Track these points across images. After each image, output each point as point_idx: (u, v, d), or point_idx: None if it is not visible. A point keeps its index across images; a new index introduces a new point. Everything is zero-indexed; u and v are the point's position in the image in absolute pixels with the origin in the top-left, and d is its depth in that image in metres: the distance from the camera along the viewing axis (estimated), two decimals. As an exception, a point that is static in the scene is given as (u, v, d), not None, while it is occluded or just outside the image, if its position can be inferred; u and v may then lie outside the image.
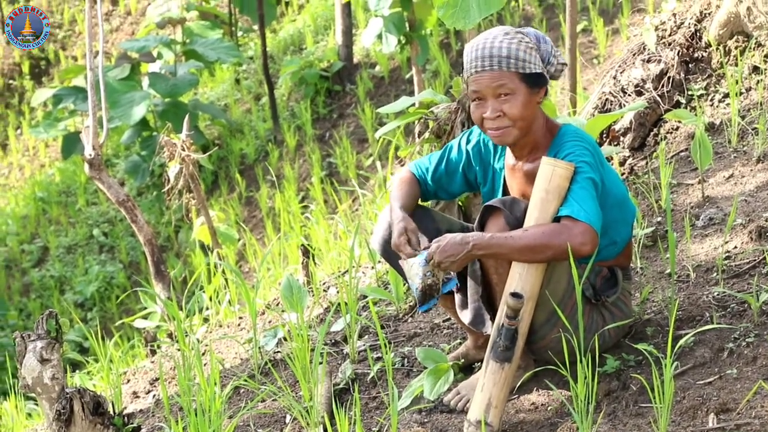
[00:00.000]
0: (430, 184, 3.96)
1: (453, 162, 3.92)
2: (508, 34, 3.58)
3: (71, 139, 12.04)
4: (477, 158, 3.88)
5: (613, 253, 3.72)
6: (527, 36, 3.61)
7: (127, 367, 5.99)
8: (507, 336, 3.43)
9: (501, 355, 3.44)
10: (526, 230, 3.44)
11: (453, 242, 3.49)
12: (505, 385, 3.45)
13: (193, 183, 7.07)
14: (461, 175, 3.92)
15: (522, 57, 3.56)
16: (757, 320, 3.65)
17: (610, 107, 6.17)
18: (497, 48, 3.56)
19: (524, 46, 3.57)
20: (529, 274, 3.46)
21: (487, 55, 3.57)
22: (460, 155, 3.90)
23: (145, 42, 11.97)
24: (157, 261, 6.68)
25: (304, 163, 11.35)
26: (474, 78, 3.61)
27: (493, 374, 3.45)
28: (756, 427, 3.04)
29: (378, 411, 4.03)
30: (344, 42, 12.18)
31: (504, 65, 3.56)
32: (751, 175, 5.09)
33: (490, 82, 3.58)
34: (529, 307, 3.47)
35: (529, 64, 3.57)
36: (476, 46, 3.61)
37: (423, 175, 3.96)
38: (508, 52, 3.55)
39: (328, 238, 7.07)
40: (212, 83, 14.79)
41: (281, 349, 4.83)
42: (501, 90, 3.57)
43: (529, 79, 3.58)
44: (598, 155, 3.64)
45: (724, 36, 6.09)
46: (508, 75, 3.56)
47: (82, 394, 3.58)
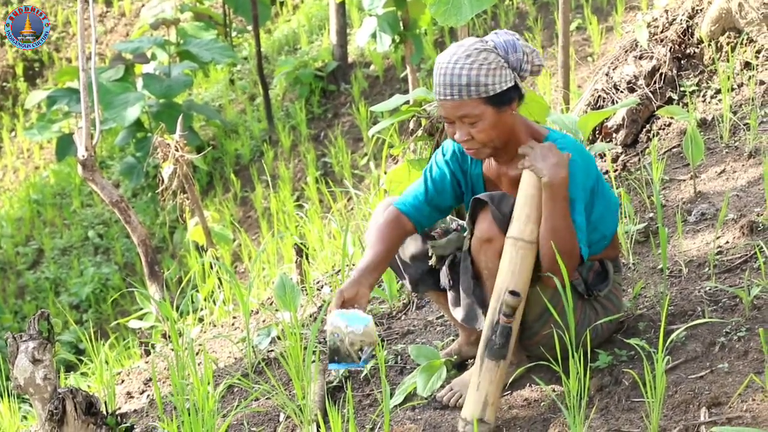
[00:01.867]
0: (426, 209, 3.83)
1: (438, 179, 3.84)
2: (469, 56, 3.48)
3: (65, 141, 12.02)
4: (457, 167, 3.83)
5: (603, 246, 3.73)
6: (493, 51, 3.51)
7: (121, 368, 5.99)
8: (503, 333, 3.43)
9: (496, 353, 3.44)
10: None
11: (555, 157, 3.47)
12: (500, 382, 3.46)
13: (187, 183, 7.07)
14: (450, 188, 3.84)
15: (483, 82, 3.48)
16: (748, 314, 3.66)
17: (603, 104, 6.18)
18: (457, 76, 3.48)
19: (485, 70, 3.48)
20: (522, 271, 3.45)
21: (448, 83, 3.50)
22: (441, 170, 3.84)
23: (139, 43, 11.95)
24: (151, 261, 6.68)
25: (299, 163, 11.34)
26: (440, 103, 3.57)
27: (489, 372, 3.45)
28: (747, 420, 3.05)
29: (371, 408, 4.04)
30: (339, 42, 12.17)
31: (464, 94, 3.49)
32: (743, 171, 5.10)
33: (454, 111, 3.53)
34: (522, 305, 3.47)
35: (492, 86, 3.49)
36: (440, 69, 3.53)
37: (413, 205, 3.84)
38: (468, 80, 3.47)
39: (322, 237, 7.07)
40: (206, 84, 14.77)
41: (275, 347, 4.84)
42: (466, 118, 3.52)
43: (494, 100, 3.51)
44: (586, 159, 3.62)
45: (715, 32, 6.10)
46: (470, 103, 3.50)
47: (74, 394, 3.58)
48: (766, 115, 5.54)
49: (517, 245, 3.45)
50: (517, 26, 10.60)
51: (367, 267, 3.70)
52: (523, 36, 9.93)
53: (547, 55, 9.52)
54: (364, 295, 3.63)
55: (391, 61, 11.78)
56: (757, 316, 3.64)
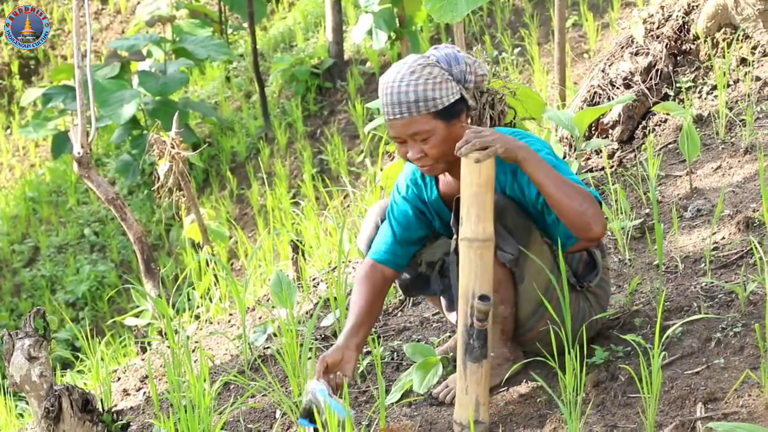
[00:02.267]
0: (399, 250, 3.84)
1: (401, 218, 3.83)
2: (414, 73, 3.46)
3: (61, 139, 12.03)
4: (415, 200, 3.82)
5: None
6: (437, 65, 3.50)
7: (117, 365, 5.99)
8: (479, 337, 3.41)
9: (477, 355, 3.42)
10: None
11: (504, 136, 3.38)
12: (487, 380, 3.45)
13: (183, 181, 7.06)
14: (416, 221, 3.83)
15: (431, 96, 3.46)
16: (744, 310, 3.66)
17: (599, 100, 6.18)
18: (404, 93, 3.45)
19: (431, 84, 3.46)
20: (484, 272, 3.41)
21: (396, 102, 3.47)
22: (401, 208, 3.83)
23: (135, 40, 11.95)
24: (147, 259, 6.68)
25: (295, 161, 11.34)
26: (389, 123, 3.54)
27: (473, 374, 3.44)
28: (743, 416, 3.05)
29: (368, 405, 4.04)
30: (335, 39, 12.16)
31: (414, 110, 3.46)
32: (739, 167, 5.10)
33: (405, 129, 3.50)
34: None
35: (440, 100, 3.48)
36: (385, 89, 3.51)
37: (385, 251, 3.85)
38: (415, 96, 3.45)
39: (319, 234, 7.07)
40: (202, 81, 14.77)
41: (271, 344, 4.83)
42: (417, 135, 3.50)
43: (443, 113, 3.49)
44: (537, 141, 3.60)
45: (711, 28, 6.10)
46: (420, 119, 3.48)
47: (70, 392, 3.58)
48: (762, 111, 5.54)
49: (473, 246, 3.39)
50: (513, 23, 10.61)
51: (350, 329, 3.73)
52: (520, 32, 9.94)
53: (543, 52, 9.52)
54: (350, 359, 3.66)
55: (387, 58, 11.78)
56: (753, 311, 3.64)
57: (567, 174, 3.47)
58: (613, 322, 3.93)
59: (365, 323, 3.77)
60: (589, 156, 6.13)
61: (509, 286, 3.59)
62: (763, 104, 5.60)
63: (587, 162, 6.07)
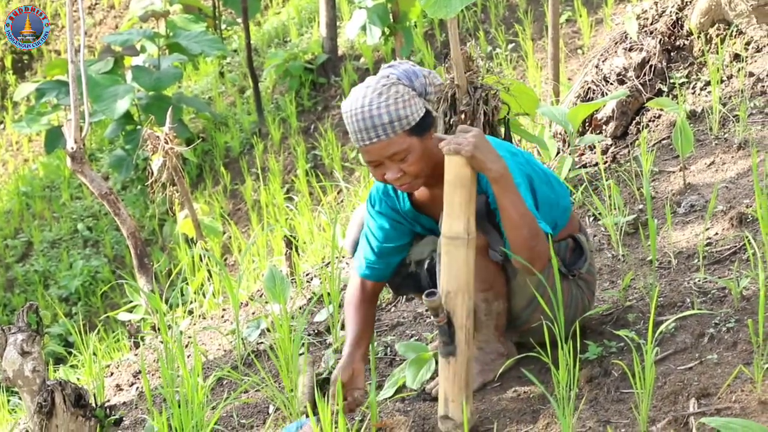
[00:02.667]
0: (381, 263, 3.86)
1: (377, 233, 3.83)
2: (381, 95, 3.44)
3: (54, 134, 11.99)
4: (389, 212, 3.82)
5: (568, 218, 3.72)
6: (399, 82, 3.48)
7: (110, 360, 5.98)
8: (442, 332, 3.42)
9: (443, 351, 3.44)
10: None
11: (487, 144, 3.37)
12: (455, 378, 3.42)
13: (176, 176, 7.06)
14: (394, 232, 3.83)
15: (403, 114, 3.44)
16: (737, 306, 3.66)
17: (593, 96, 6.18)
18: (377, 116, 3.42)
19: (402, 101, 3.44)
20: (454, 269, 3.41)
21: (370, 126, 3.43)
22: (377, 222, 3.83)
23: (129, 35, 11.92)
24: (141, 254, 6.67)
25: (289, 156, 11.33)
26: (364, 149, 3.50)
27: (442, 370, 3.45)
28: (736, 411, 3.05)
29: (361, 400, 4.03)
30: (328, 34, 12.14)
31: (390, 131, 3.43)
32: (732, 162, 5.11)
33: (383, 152, 3.47)
34: (460, 300, 3.42)
35: (412, 116, 3.46)
36: (355, 116, 3.46)
37: (368, 267, 3.87)
38: (389, 117, 3.42)
39: (312, 229, 7.07)
40: (196, 76, 14.75)
41: (264, 340, 4.83)
42: (395, 156, 3.47)
43: (416, 129, 3.47)
44: (506, 148, 3.60)
45: (705, 24, 6.11)
46: (396, 139, 3.45)
47: (63, 387, 3.57)
48: (755, 107, 5.55)
49: (443, 242, 3.41)
50: (506, 19, 10.60)
51: (352, 343, 3.78)
52: (514, 28, 9.94)
53: (537, 48, 9.52)
54: (360, 372, 3.72)
55: (381, 53, 11.77)
56: (746, 307, 3.64)
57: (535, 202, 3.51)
58: (607, 317, 3.93)
59: (365, 335, 3.82)
60: (583, 152, 6.13)
61: (502, 282, 3.60)
62: (756, 100, 5.61)
63: (581, 158, 6.08)
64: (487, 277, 3.53)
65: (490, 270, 3.52)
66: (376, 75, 3.55)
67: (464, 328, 3.41)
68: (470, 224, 3.38)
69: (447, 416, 3.43)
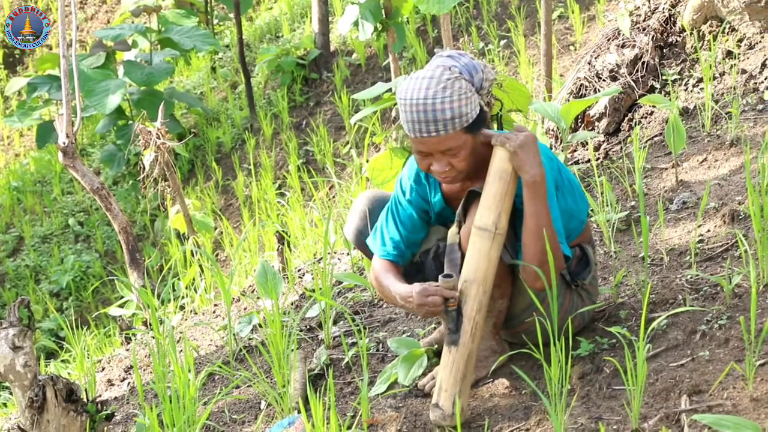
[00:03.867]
0: (407, 251, 3.85)
1: (407, 221, 3.82)
2: (446, 89, 3.40)
3: (46, 128, 11.96)
4: (420, 202, 3.82)
5: (581, 231, 3.74)
6: (462, 77, 3.45)
7: (101, 356, 5.98)
8: (450, 319, 3.43)
9: (447, 339, 3.46)
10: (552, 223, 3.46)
11: (534, 148, 3.43)
12: (453, 368, 3.44)
13: (168, 171, 7.05)
14: (420, 222, 3.84)
15: (464, 111, 3.42)
16: (729, 303, 3.66)
17: (585, 92, 6.18)
18: (440, 111, 3.39)
19: (464, 99, 3.42)
20: (476, 259, 3.43)
21: (431, 120, 3.40)
22: (407, 211, 3.82)
23: (120, 30, 11.88)
24: (132, 249, 6.66)
25: (280, 151, 11.31)
26: (418, 140, 3.47)
27: (443, 357, 3.47)
28: (728, 408, 3.05)
29: (353, 396, 4.03)
30: (321, 30, 12.12)
31: (450, 128, 3.41)
32: (724, 159, 5.11)
33: (437, 146, 3.46)
34: (474, 290, 3.43)
35: (470, 113, 3.45)
36: (416, 106, 3.42)
37: (395, 252, 3.84)
38: (452, 114, 3.40)
39: (304, 225, 7.06)
40: (188, 71, 14.72)
41: (256, 335, 4.83)
42: (449, 151, 3.46)
43: (472, 127, 3.47)
44: (544, 152, 3.61)
45: (697, 21, 6.11)
46: (453, 135, 3.43)
47: (54, 382, 3.57)
48: (747, 104, 5.55)
49: (473, 232, 3.45)
50: (499, 15, 10.60)
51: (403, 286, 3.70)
52: (506, 24, 9.93)
53: (529, 44, 9.52)
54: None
55: (374, 49, 11.76)
56: (737, 304, 3.64)
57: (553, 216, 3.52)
58: (599, 314, 3.93)
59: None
60: (575, 148, 6.13)
61: (509, 283, 3.61)
62: (748, 97, 5.61)
63: (573, 154, 6.08)
64: (499, 273, 3.54)
65: (499, 269, 3.53)
66: (436, 63, 3.50)
67: (472, 320, 3.43)
68: (501, 219, 3.42)
69: (437, 405, 3.43)
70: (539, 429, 3.36)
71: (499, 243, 3.45)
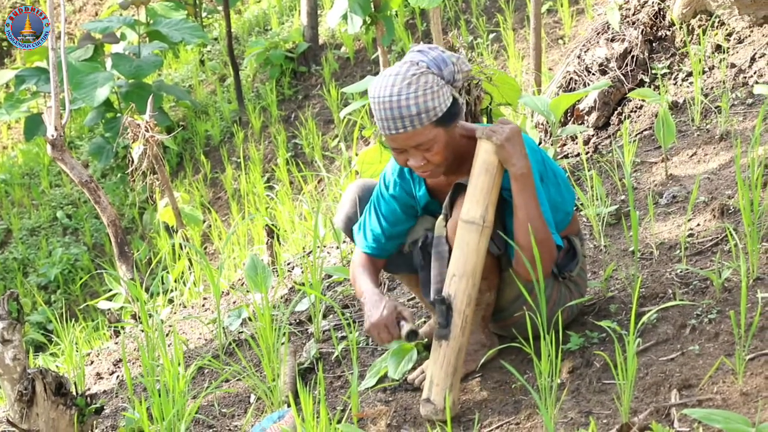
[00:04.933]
0: (387, 244, 3.85)
1: (389, 215, 3.82)
2: (411, 84, 3.40)
3: (34, 121, 11.93)
4: (404, 196, 3.81)
5: (568, 223, 3.74)
6: (429, 71, 3.44)
7: (90, 349, 5.96)
8: (440, 314, 3.44)
9: (437, 333, 3.46)
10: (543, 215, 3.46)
11: (520, 140, 3.43)
12: (444, 362, 3.44)
13: (157, 164, 7.04)
14: (404, 216, 3.83)
15: (431, 106, 3.41)
16: (719, 297, 3.66)
17: (575, 86, 6.18)
18: (405, 107, 3.39)
19: (430, 92, 3.41)
20: (465, 253, 3.43)
21: (398, 116, 3.40)
22: (390, 205, 3.81)
23: (109, 23, 11.86)
24: (121, 242, 6.64)
25: (269, 145, 11.30)
26: (389, 137, 3.48)
27: (433, 352, 3.47)
28: (718, 402, 3.06)
29: (342, 390, 4.03)
30: (309, 23, 12.11)
31: (417, 123, 3.41)
32: (714, 153, 5.12)
33: (408, 142, 3.45)
34: (464, 284, 3.44)
35: (439, 107, 3.43)
36: (382, 104, 3.43)
37: (376, 247, 3.85)
38: (417, 109, 3.39)
39: (293, 218, 7.05)
40: (176, 64, 14.70)
41: (245, 329, 4.82)
42: (420, 146, 3.46)
43: (443, 120, 3.45)
44: (528, 144, 3.61)
45: (687, 15, 6.11)
46: (422, 130, 3.42)
47: (44, 375, 3.56)
48: (737, 98, 5.55)
49: (459, 225, 3.46)
50: (488, 8, 10.60)
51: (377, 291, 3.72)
52: (495, 18, 9.93)
53: (518, 38, 9.52)
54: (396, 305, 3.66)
55: (362, 42, 11.75)
56: (727, 298, 3.64)
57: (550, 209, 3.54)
58: (589, 308, 3.93)
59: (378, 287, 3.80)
60: (565, 142, 6.13)
61: (496, 274, 3.61)
62: (738, 91, 5.61)
63: (563, 148, 6.08)
64: (486, 265, 3.53)
65: (487, 261, 3.53)
66: (405, 59, 3.51)
67: (462, 313, 3.43)
68: (488, 212, 3.42)
69: (429, 399, 3.44)
70: (529, 423, 3.36)
71: (487, 236, 3.46)
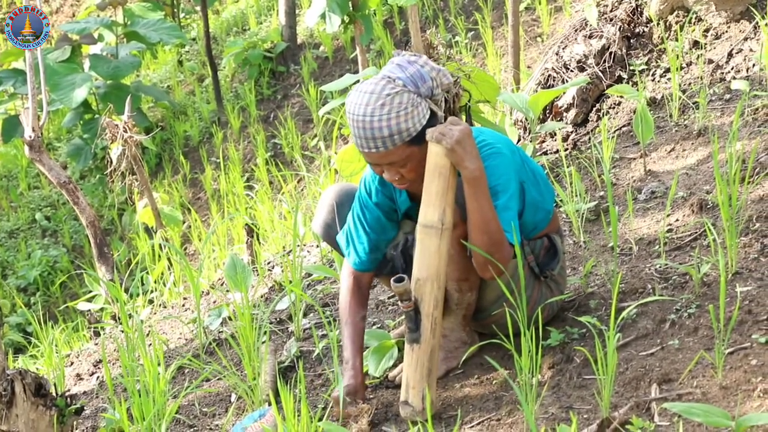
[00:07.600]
0: (377, 254, 3.85)
1: (374, 223, 3.80)
2: (384, 106, 3.37)
3: (11, 123, 11.87)
4: (386, 202, 3.80)
5: (548, 221, 3.74)
6: (405, 89, 3.40)
7: (70, 350, 5.95)
8: (408, 319, 3.43)
9: (408, 337, 3.46)
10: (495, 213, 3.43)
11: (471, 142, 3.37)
12: (418, 365, 3.44)
13: (135, 165, 7.02)
14: (387, 221, 3.82)
15: (404, 127, 3.39)
16: (698, 291, 3.68)
17: (553, 83, 6.20)
18: (378, 129, 3.37)
19: (404, 115, 3.38)
20: (426, 257, 3.42)
21: (370, 137, 3.39)
22: (374, 213, 3.80)
23: (86, 24, 11.80)
24: (100, 243, 6.62)
25: (248, 145, 11.28)
26: (363, 153, 3.47)
27: (406, 356, 3.47)
28: (698, 396, 3.06)
29: (323, 388, 4.03)
30: (288, 22, 12.10)
31: (389, 144, 3.39)
32: (692, 149, 5.13)
33: (381, 160, 3.45)
34: (429, 288, 3.43)
35: (413, 127, 3.40)
36: (355, 122, 3.41)
37: (364, 261, 3.84)
38: (389, 131, 3.37)
39: (273, 218, 7.04)
40: (155, 65, 14.66)
41: (225, 328, 4.82)
42: (394, 164, 3.45)
43: (417, 139, 3.42)
44: (507, 144, 3.60)
45: (664, 11, 6.12)
46: (395, 150, 3.41)
47: (23, 376, 3.55)
48: (714, 94, 5.57)
49: (418, 230, 3.43)
50: (466, 6, 10.60)
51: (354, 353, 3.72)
52: (473, 16, 9.93)
53: (497, 36, 9.52)
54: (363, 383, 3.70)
55: (341, 41, 11.74)
56: (706, 293, 3.66)
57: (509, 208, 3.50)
58: (569, 304, 3.94)
59: (358, 341, 3.77)
60: (544, 139, 6.14)
61: (477, 275, 3.59)
62: (715, 87, 5.63)
63: (542, 145, 6.09)
64: (465, 266, 3.53)
65: (466, 262, 3.52)
66: (383, 72, 3.47)
67: (431, 316, 3.42)
68: (446, 215, 3.39)
69: (407, 402, 3.44)
70: (510, 419, 3.36)
71: (448, 237, 3.42)
